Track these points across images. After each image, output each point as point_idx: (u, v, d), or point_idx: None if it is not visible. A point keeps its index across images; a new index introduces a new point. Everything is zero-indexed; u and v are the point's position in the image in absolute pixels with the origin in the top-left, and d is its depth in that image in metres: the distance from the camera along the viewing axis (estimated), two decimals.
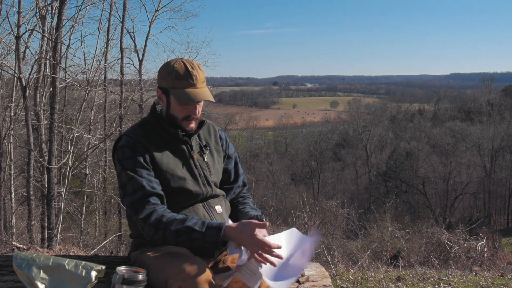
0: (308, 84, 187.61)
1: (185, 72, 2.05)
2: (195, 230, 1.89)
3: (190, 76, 2.05)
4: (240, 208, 2.27)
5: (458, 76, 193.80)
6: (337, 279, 4.56)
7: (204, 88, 2.09)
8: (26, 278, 1.77)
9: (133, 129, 2.15)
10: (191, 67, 2.06)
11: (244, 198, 2.35)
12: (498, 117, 44.82)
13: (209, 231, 1.88)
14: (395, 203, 24.70)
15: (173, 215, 1.95)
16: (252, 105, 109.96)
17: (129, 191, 1.99)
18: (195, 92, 2.05)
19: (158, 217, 1.93)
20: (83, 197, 13.53)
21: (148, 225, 1.94)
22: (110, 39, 14.45)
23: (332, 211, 10.53)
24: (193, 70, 2.06)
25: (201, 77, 2.08)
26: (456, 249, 7.54)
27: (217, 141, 2.30)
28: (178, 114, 2.10)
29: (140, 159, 2.03)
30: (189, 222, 1.91)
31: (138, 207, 1.97)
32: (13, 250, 5.87)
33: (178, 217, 1.94)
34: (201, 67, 2.11)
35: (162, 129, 2.13)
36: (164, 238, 1.93)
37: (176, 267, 1.83)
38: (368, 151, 44.44)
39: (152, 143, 2.08)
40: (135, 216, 1.98)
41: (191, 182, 2.10)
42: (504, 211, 38.48)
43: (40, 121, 10.66)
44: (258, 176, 36.41)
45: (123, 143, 2.08)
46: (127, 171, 2.02)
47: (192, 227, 1.90)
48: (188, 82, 2.04)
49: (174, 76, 2.05)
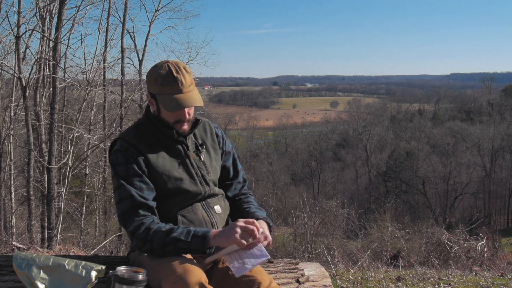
0: (308, 84, 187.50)
1: (170, 77, 2.00)
2: (181, 240, 1.90)
3: (175, 81, 2.00)
4: (245, 207, 2.25)
5: (458, 76, 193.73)
6: (337, 279, 4.55)
7: (191, 92, 2.03)
8: (26, 278, 1.77)
9: (127, 132, 2.14)
10: (176, 71, 2.01)
11: (246, 196, 2.34)
12: (498, 117, 44.80)
13: (194, 240, 1.89)
14: (395, 203, 24.73)
15: (160, 226, 1.95)
16: (252, 105, 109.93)
17: (118, 198, 2.00)
18: (182, 98, 2.00)
19: (146, 230, 1.93)
20: (83, 197, 13.52)
21: (136, 238, 1.95)
22: (110, 39, 14.47)
23: (332, 211, 10.53)
24: (179, 75, 2.00)
25: (187, 80, 2.02)
26: (456, 249, 7.54)
27: (214, 139, 2.29)
28: (168, 119, 2.08)
29: (133, 165, 2.02)
30: (175, 233, 1.92)
31: (127, 219, 1.97)
32: (13, 250, 5.87)
33: (164, 229, 1.93)
34: (188, 69, 2.06)
35: (157, 130, 2.11)
36: (152, 250, 1.94)
37: (167, 268, 1.84)
38: (368, 151, 44.42)
39: (147, 145, 2.08)
40: (124, 227, 1.99)
41: (188, 182, 2.09)
42: (504, 211, 38.47)
43: (40, 121, 10.66)
44: (258, 176, 36.38)
45: (117, 147, 2.07)
46: (118, 178, 2.02)
47: (178, 237, 1.90)
48: (173, 89, 2.00)
49: (160, 82, 2.01)
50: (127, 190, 1.99)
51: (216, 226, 2.12)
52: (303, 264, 2.60)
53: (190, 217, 2.07)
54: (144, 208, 1.98)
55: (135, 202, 1.97)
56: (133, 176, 2.01)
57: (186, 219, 2.06)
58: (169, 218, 2.06)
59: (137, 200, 1.97)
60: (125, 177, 2.01)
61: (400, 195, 35.81)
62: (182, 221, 2.06)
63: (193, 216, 2.08)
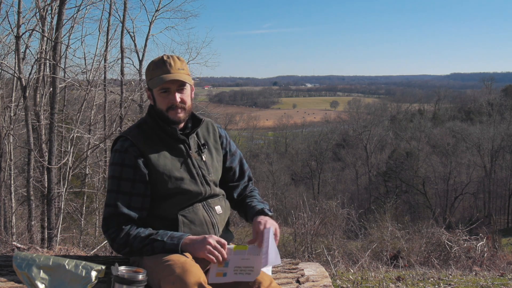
0: (308, 84, 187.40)
1: (160, 61, 2.07)
2: (157, 240, 1.94)
3: (164, 64, 2.06)
4: (248, 201, 2.26)
5: (458, 76, 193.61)
6: (337, 279, 4.55)
7: (179, 73, 2.06)
8: (26, 278, 1.77)
9: (130, 130, 2.15)
10: (167, 57, 2.08)
11: (251, 191, 2.35)
12: (498, 117, 44.74)
13: (170, 240, 1.93)
14: (395, 203, 24.71)
15: (139, 231, 1.99)
16: (252, 105, 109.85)
17: (105, 202, 2.05)
18: (167, 76, 2.04)
19: (125, 235, 1.98)
20: (83, 197, 13.51)
21: (117, 244, 1.99)
22: (110, 39, 14.43)
23: (332, 211, 10.52)
24: (168, 59, 2.07)
25: (177, 64, 2.07)
26: (456, 249, 7.53)
27: (216, 139, 2.28)
28: (162, 106, 2.09)
29: (129, 169, 2.03)
30: (153, 236, 1.96)
31: (108, 224, 2.02)
32: (13, 250, 5.86)
33: (144, 234, 1.98)
34: (181, 58, 2.11)
35: (159, 129, 2.11)
36: (131, 252, 1.99)
37: (167, 269, 1.84)
38: (368, 151, 44.41)
39: (149, 144, 2.08)
40: (104, 233, 2.04)
41: (189, 182, 2.09)
42: (504, 211, 38.45)
43: (40, 121, 10.64)
44: (258, 176, 36.34)
45: (117, 147, 2.08)
46: (111, 180, 2.05)
47: (155, 238, 1.95)
48: (161, 70, 2.05)
49: (151, 68, 2.09)
50: (113, 197, 2.02)
51: (216, 226, 2.12)
52: (303, 264, 2.60)
53: (190, 217, 2.07)
54: (125, 218, 2.00)
55: (117, 211, 2.00)
56: (125, 181, 2.02)
57: (187, 219, 2.06)
58: (169, 218, 2.06)
59: (119, 210, 2.00)
60: (117, 179, 2.03)
61: (400, 195, 35.80)
62: (182, 221, 2.05)
63: (194, 216, 2.08)
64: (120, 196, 2.01)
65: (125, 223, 2.00)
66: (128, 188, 2.02)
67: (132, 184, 2.02)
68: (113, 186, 2.03)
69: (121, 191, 2.02)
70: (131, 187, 2.02)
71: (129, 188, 2.02)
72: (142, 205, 2.04)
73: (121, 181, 2.02)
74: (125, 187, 2.02)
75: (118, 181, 2.03)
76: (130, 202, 2.01)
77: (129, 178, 2.02)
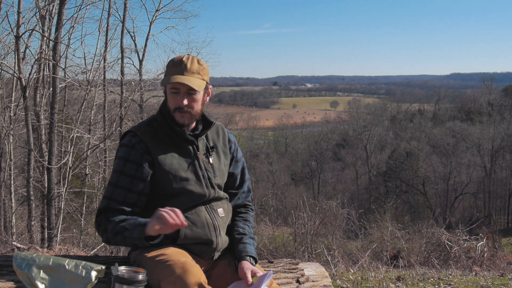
0: (308, 84, 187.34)
1: (178, 60, 2.06)
2: (127, 229, 1.94)
3: (180, 64, 2.05)
4: (237, 232, 2.19)
5: (458, 76, 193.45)
6: (337, 279, 4.55)
7: (191, 77, 2.04)
8: (26, 278, 1.77)
9: (140, 126, 2.15)
10: (187, 58, 2.07)
11: (247, 210, 2.30)
12: (498, 117, 44.69)
13: (137, 228, 1.93)
14: (395, 203, 24.73)
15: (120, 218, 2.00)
16: (252, 105, 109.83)
17: (104, 193, 2.08)
18: (177, 77, 2.02)
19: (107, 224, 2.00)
20: (83, 197, 13.50)
21: (101, 231, 2.02)
22: (110, 39, 14.39)
23: (332, 211, 10.51)
24: (187, 60, 2.05)
25: (193, 67, 2.05)
26: (456, 249, 7.53)
27: (225, 143, 2.28)
28: (170, 105, 2.09)
29: (132, 164, 2.03)
30: (124, 223, 1.97)
31: (99, 215, 2.05)
32: (13, 250, 5.86)
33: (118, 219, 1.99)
34: (201, 61, 2.09)
35: (169, 128, 2.11)
36: (108, 240, 2.01)
37: (167, 269, 1.84)
38: (368, 151, 44.39)
39: (157, 142, 2.08)
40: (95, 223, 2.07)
41: (194, 183, 2.08)
42: (504, 211, 38.42)
43: (40, 121, 10.64)
44: (258, 176, 36.34)
45: (125, 141, 2.09)
46: (113, 172, 2.08)
47: (125, 226, 1.95)
48: (176, 69, 2.04)
49: (169, 65, 2.08)
50: (110, 191, 2.05)
51: (218, 229, 2.11)
52: (303, 264, 2.60)
53: (193, 219, 2.07)
54: (116, 212, 2.02)
55: (110, 205, 2.02)
56: (125, 176, 2.03)
57: (189, 220, 2.05)
58: None
59: (112, 205, 2.02)
60: (118, 173, 2.05)
61: (400, 195, 35.79)
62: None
63: (196, 218, 2.07)
64: (117, 190, 2.03)
65: (115, 216, 2.02)
66: (126, 183, 2.02)
67: (131, 180, 2.03)
68: (113, 180, 2.06)
69: (119, 186, 2.03)
70: (129, 183, 2.02)
71: (128, 184, 2.02)
72: (136, 202, 2.05)
73: (121, 175, 2.04)
74: (124, 182, 2.03)
75: (119, 175, 2.04)
76: (125, 197, 2.02)
77: (129, 173, 2.03)
